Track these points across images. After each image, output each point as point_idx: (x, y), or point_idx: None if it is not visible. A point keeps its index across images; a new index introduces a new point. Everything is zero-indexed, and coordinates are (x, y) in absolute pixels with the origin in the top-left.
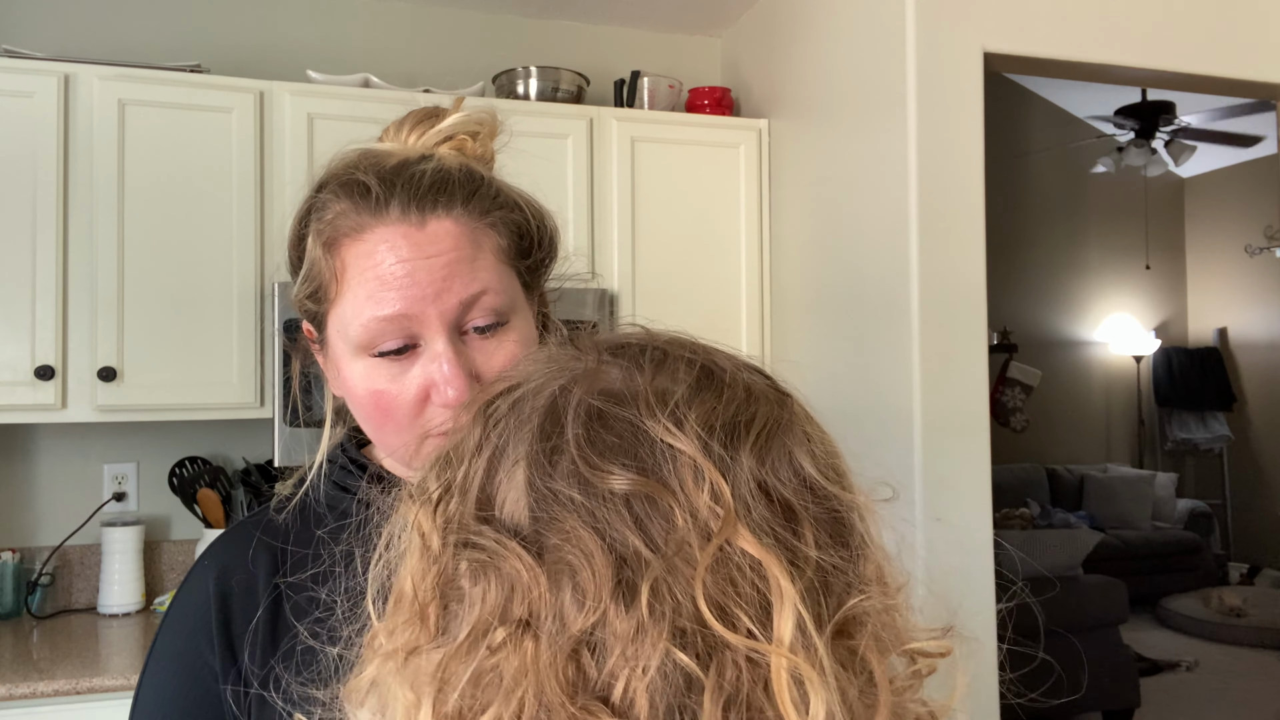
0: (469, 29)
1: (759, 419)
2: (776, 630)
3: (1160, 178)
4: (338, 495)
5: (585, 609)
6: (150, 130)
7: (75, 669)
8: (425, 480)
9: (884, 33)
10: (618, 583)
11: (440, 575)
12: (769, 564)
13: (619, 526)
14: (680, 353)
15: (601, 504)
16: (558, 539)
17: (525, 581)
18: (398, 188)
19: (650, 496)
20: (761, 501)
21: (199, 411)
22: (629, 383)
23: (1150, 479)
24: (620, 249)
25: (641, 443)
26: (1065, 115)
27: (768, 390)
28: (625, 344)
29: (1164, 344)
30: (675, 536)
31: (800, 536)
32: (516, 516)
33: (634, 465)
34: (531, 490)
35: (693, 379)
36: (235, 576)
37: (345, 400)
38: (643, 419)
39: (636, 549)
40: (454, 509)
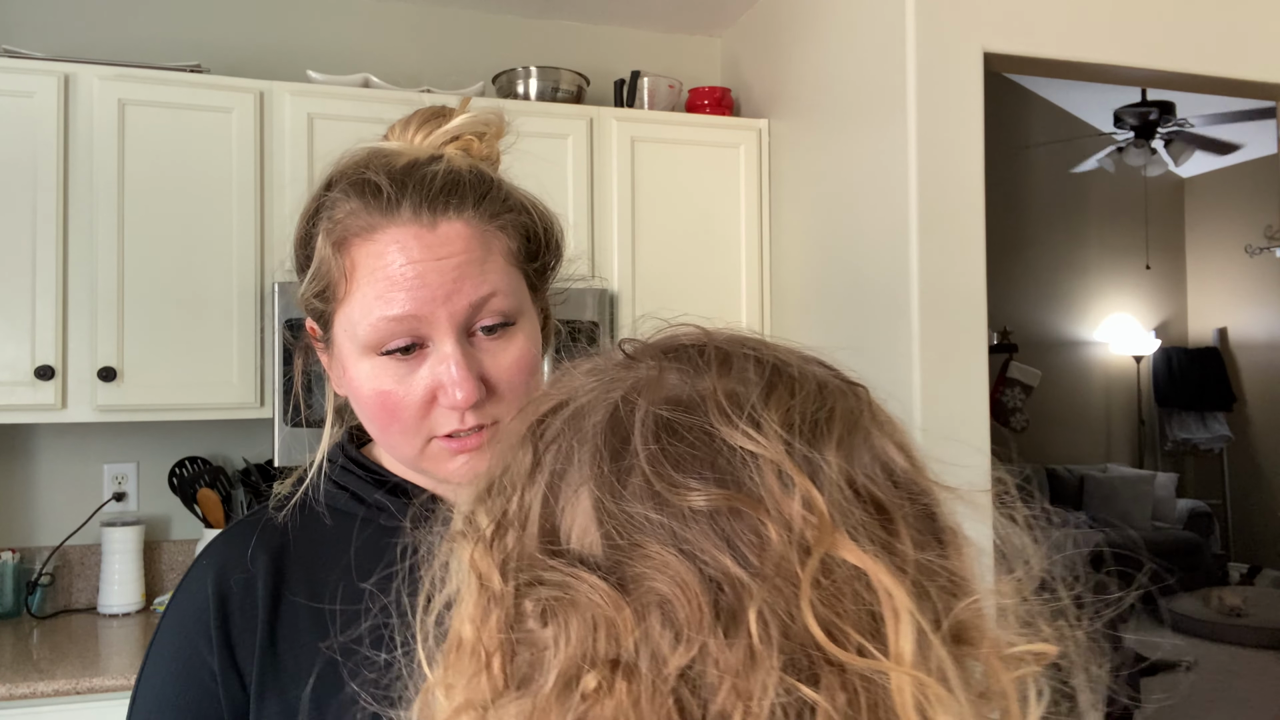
0: (469, 29)
1: (838, 413)
2: (893, 645)
3: (1160, 178)
4: (338, 495)
5: (683, 642)
6: (150, 130)
7: (75, 669)
8: (473, 513)
9: (884, 33)
10: (716, 610)
11: (505, 619)
12: (876, 573)
13: (707, 547)
14: (743, 350)
15: (684, 524)
16: (641, 567)
17: (610, 616)
18: (409, 188)
19: (736, 510)
20: (854, 503)
21: (199, 411)
22: (695, 387)
23: (1150, 479)
24: (620, 249)
25: (719, 452)
26: (1065, 115)
27: (838, 382)
28: (682, 346)
29: (1164, 344)
30: (771, 553)
31: (897, 536)
32: (588, 545)
33: (713, 477)
34: (602, 515)
35: (762, 377)
36: (234, 576)
37: (349, 399)
38: (717, 425)
39: (730, 571)
40: (513, 543)
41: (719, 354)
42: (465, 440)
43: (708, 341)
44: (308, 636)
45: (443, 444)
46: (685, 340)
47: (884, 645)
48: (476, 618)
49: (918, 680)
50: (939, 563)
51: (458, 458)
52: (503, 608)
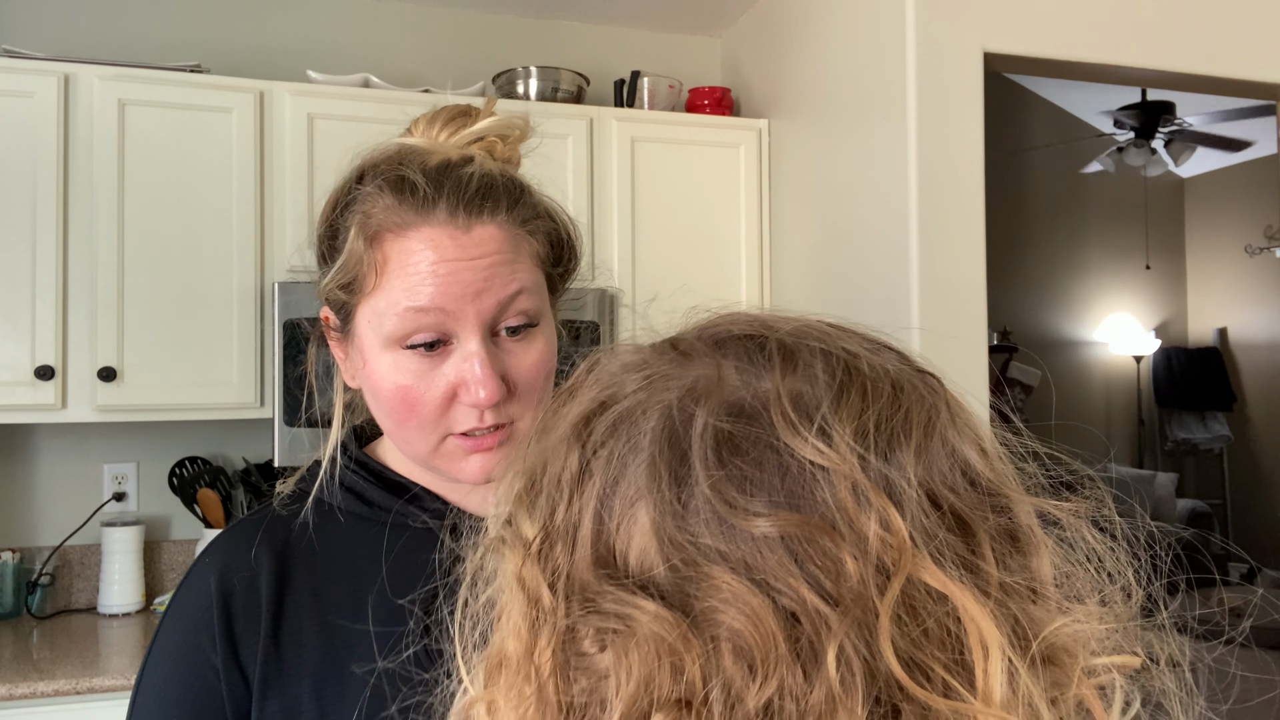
0: (469, 29)
1: (914, 416)
2: (982, 684)
3: (1160, 178)
4: (341, 494)
5: (759, 680)
6: (150, 130)
7: (75, 669)
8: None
9: (884, 33)
10: (794, 645)
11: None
12: (963, 601)
13: (781, 575)
14: (808, 343)
15: (754, 550)
16: (710, 599)
17: (677, 650)
18: (446, 189)
19: (809, 535)
20: (936, 519)
21: (199, 411)
22: (755, 390)
23: (1150, 479)
24: (620, 249)
25: (786, 469)
26: (1065, 115)
27: (911, 376)
28: (737, 338)
29: (1164, 344)
30: (849, 581)
31: (981, 554)
32: (648, 569)
33: (783, 498)
34: (662, 537)
35: (833, 378)
36: (237, 574)
37: (364, 393)
38: (783, 438)
39: (807, 600)
40: (563, 560)
41: (781, 349)
42: (481, 439)
43: (769, 334)
44: (311, 635)
45: (458, 442)
46: (740, 331)
47: (970, 679)
48: (524, 634)
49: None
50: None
51: (472, 457)
52: (554, 628)
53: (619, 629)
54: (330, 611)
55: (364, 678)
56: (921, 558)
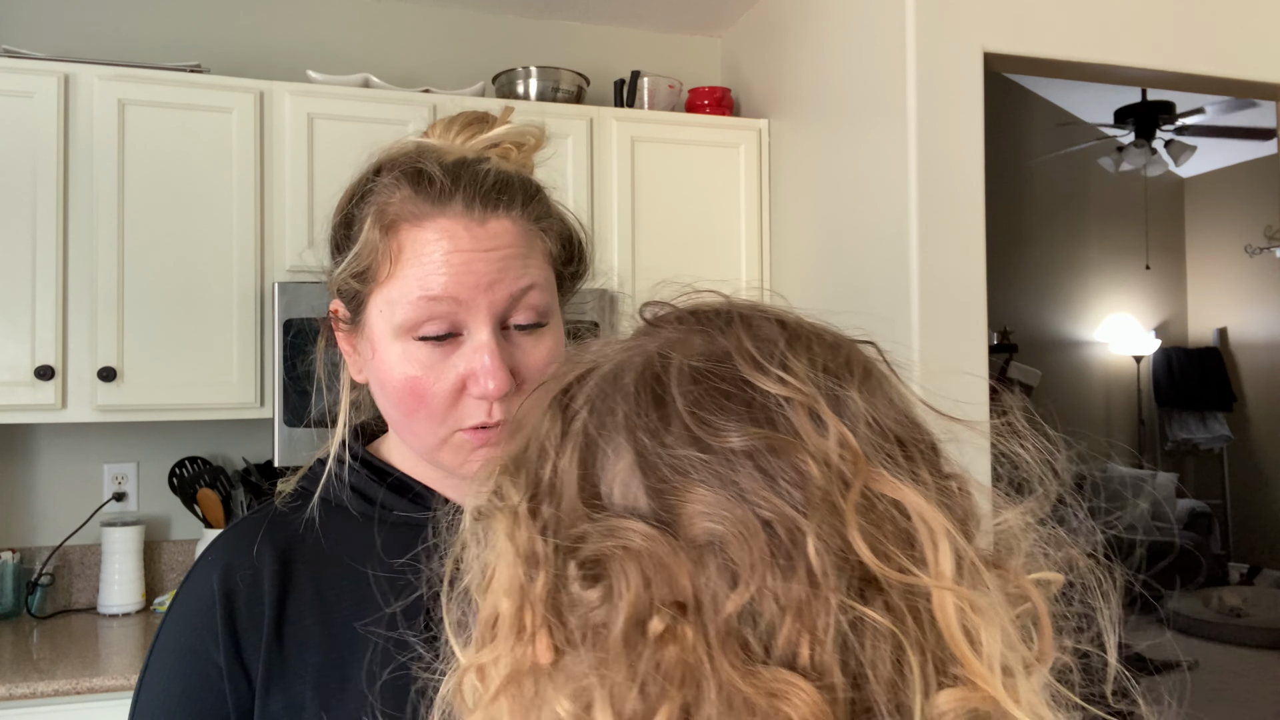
0: (469, 29)
1: (855, 359)
2: (934, 564)
3: (1160, 178)
4: (344, 492)
5: (742, 581)
6: (150, 130)
7: (75, 669)
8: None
9: (884, 33)
10: (771, 548)
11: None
12: (910, 499)
13: (754, 487)
14: (761, 313)
15: (729, 465)
16: (690, 508)
17: (663, 560)
18: (463, 181)
19: (776, 449)
20: (881, 438)
21: (199, 411)
22: (723, 343)
23: (1150, 479)
24: (620, 249)
25: (753, 397)
26: (1065, 115)
27: (846, 336)
28: (704, 310)
29: (1164, 344)
30: (815, 487)
31: (919, 468)
32: (632, 498)
33: (750, 419)
34: (645, 465)
35: (783, 332)
36: (240, 573)
37: (371, 385)
38: (749, 372)
39: (779, 508)
40: (549, 513)
41: (741, 316)
42: (489, 434)
43: (731, 308)
44: (314, 634)
45: (466, 436)
46: (708, 305)
47: (924, 566)
48: (515, 590)
49: (959, 594)
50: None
51: (478, 452)
52: (547, 574)
53: (610, 548)
54: (333, 610)
55: (367, 677)
56: (874, 467)
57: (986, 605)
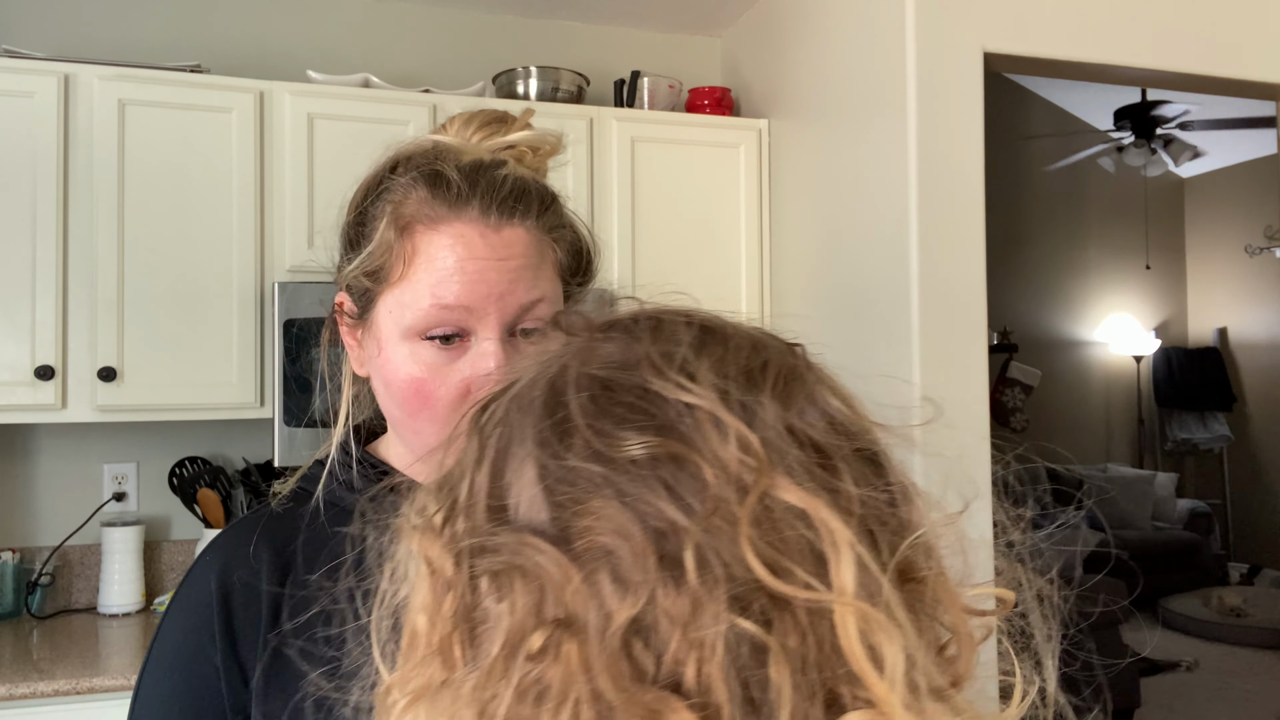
0: (469, 29)
1: (773, 364)
2: (836, 579)
3: (1160, 178)
4: (342, 492)
5: (629, 594)
6: (150, 130)
7: (75, 669)
8: (424, 506)
9: (884, 33)
10: (661, 559)
11: (459, 602)
12: (815, 509)
13: (649, 497)
14: (675, 317)
15: (625, 475)
16: (586, 522)
17: (554, 576)
18: (480, 187)
19: (675, 458)
20: (792, 444)
21: (199, 411)
22: (629, 351)
23: (1150, 479)
24: (620, 249)
25: (654, 404)
26: (1065, 115)
27: (774, 340)
28: (616, 319)
29: (1164, 344)
30: (710, 495)
31: (838, 476)
32: (534, 512)
33: (650, 428)
34: (545, 478)
35: (695, 337)
36: (237, 573)
37: (374, 382)
38: (650, 380)
39: (671, 516)
40: (463, 528)
41: (651, 321)
42: None
43: (641, 313)
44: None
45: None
46: (622, 314)
47: (828, 580)
48: (430, 607)
49: (860, 611)
50: (885, 501)
51: None
52: (456, 590)
53: (506, 564)
54: (329, 610)
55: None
56: (778, 474)
57: (888, 622)
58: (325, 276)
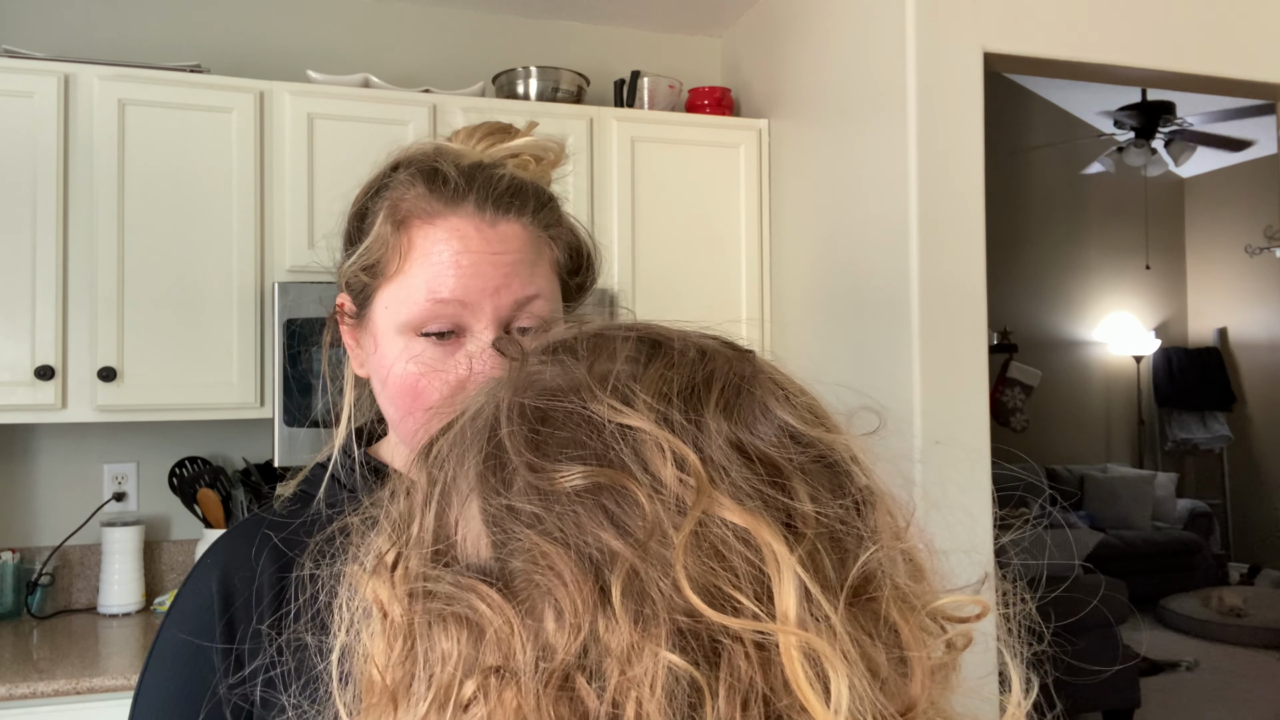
0: (469, 29)
1: (718, 376)
2: (779, 605)
3: (1160, 178)
4: (342, 495)
5: (567, 630)
6: (150, 130)
7: (75, 669)
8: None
9: (884, 33)
10: (600, 592)
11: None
12: (757, 529)
13: (589, 527)
14: (616, 333)
15: (566, 508)
16: (523, 561)
17: (491, 619)
18: (476, 183)
19: (613, 484)
20: (739, 462)
21: (199, 411)
22: (568, 376)
23: (1150, 479)
24: (620, 249)
25: (592, 432)
26: (1065, 115)
27: (723, 348)
28: (556, 342)
29: (1164, 344)
30: (646, 521)
31: (793, 493)
32: (478, 553)
33: (589, 456)
34: (488, 517)
35: (635, 353)
36: (239, 575)
37: (371, 380)
38: (586, 405)
39: (611, 546)
40: (414, 567)
41: (591, 342)
42: None
43: (580, 334)
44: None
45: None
46: (563, 336)
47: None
48: (381, 651)
49: (803, 639)
50: (844, 515)
51: None
52: (403, 636)
53: (444, 610)
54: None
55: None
56: (718, 494)
57: (832, 651)
58: (325, 276)
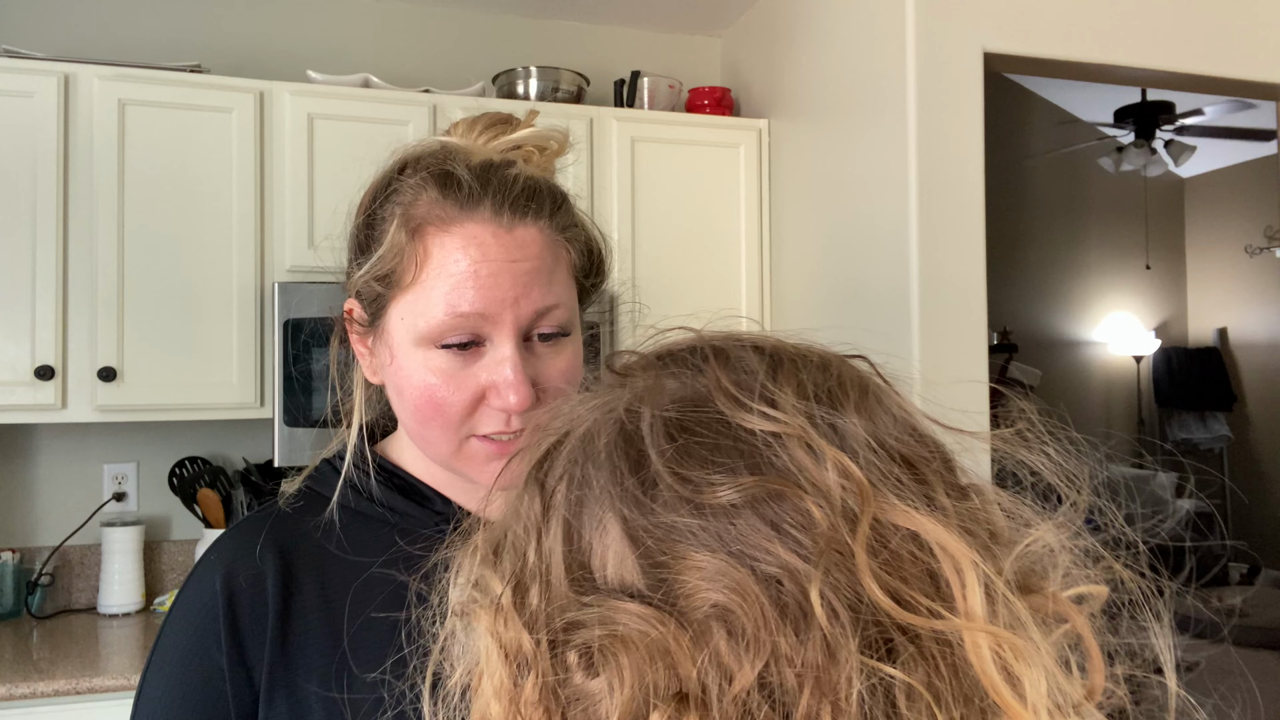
0: (469, 29)
1: (845, 377)
2: (961, 603)
3: (1160, 178)
4: (350, 494)
5: (750, 652)
6: (150, 130)
7: (75, 669)
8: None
9: (884, 33)
10: (780, 606)
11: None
12: (930, 529)
13: (756, 541)
14: (737, 343)
15: (725, 522)
16: (688, 579)
17: (664, 645)
18: (491, 186)
19: (773, 495)
20: (883, 460)
21: (199, 411)
22: (697, 384)
23: (1150, 479)
24: (620, 249)
25: (738, 439)
26: (1065, 115)
27: (834, 354)
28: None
29: (1164, 344)
30: (819, 530)
31: (933, 489)
32: (624, 575)
33: (742, 465)
34: (633, 537)
35: (766, 362)
36: (243, 574)
37: (387, 389)
38: (731, 412)
39: (784, 560)
40: (538, 601)
41: (715, 350)
42: (506, 444)
43: (700, 342)
44: (318, 636)
45: (481, 444)
46: (677, 345)
47: (951, 604)
48: (505, 691)
49: (993, 635)
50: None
51: (495, 461)
52: (538, 670)
53: (606, 639)
54: (337, 612)
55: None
56: (883, 496)
57: (1025, 644)
58: (326, 277)
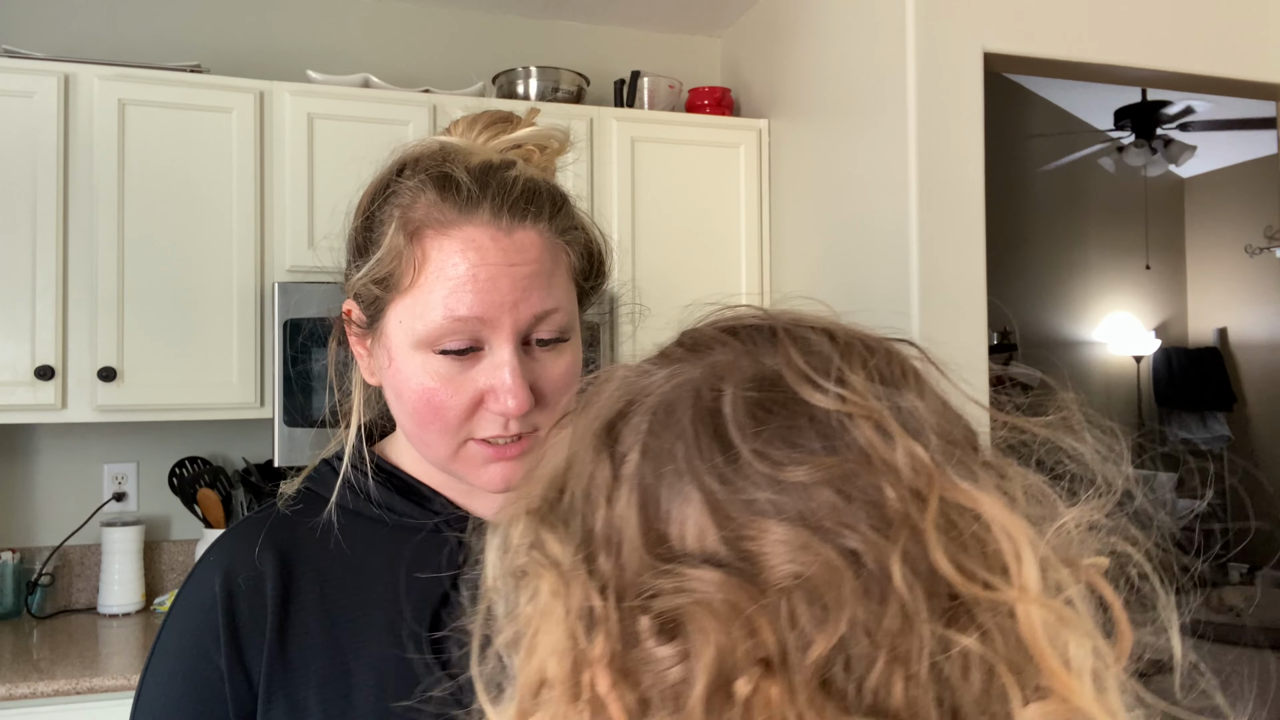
0: (469, 29)
1: (905, 365)
2: (1017, 576)
3: (1160, 178)
4: (349, 495)
5: (829, 620)
6: (150, 130)
7: (75, 669)
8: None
9: (884, 33)
10: (861, 579)
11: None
12: (990, 507)
13: (833, 516)
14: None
15: (805, 499)
16: (769, 549)
17: (746, 612)
18: (490, 189)
19: (850, 473)
20: (948, 444)
21: (199, 411)
22: (769, 364)
23: (1150, 479)
24: (620, 249)
25: (815, 420)
26: (1065, 115)
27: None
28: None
29: (1164, 344)
30: (892, 507)
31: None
32: (705, 544)
33: (818, 447)
34: (714, 508)
35: (834, 344)
36: (242, 575)
37: (385, 391)
38: (805, 394)
39: (863, 533)
40: (607, 566)
41: (786, 331)
42: (504, 449)
43: (771, 321)
44: (317, 638)
45: (479, 448)
46: (748, 321)
47: (1007, 576)
48: (566, 652)
49: (1046, 607)
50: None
51: (493, 465)
52: (608, 633)
53: (687, 605)
54: (337, 613)
55: (371, 681)
56: (947, 476)
57: (1073, 615)
58: (325, 277)
